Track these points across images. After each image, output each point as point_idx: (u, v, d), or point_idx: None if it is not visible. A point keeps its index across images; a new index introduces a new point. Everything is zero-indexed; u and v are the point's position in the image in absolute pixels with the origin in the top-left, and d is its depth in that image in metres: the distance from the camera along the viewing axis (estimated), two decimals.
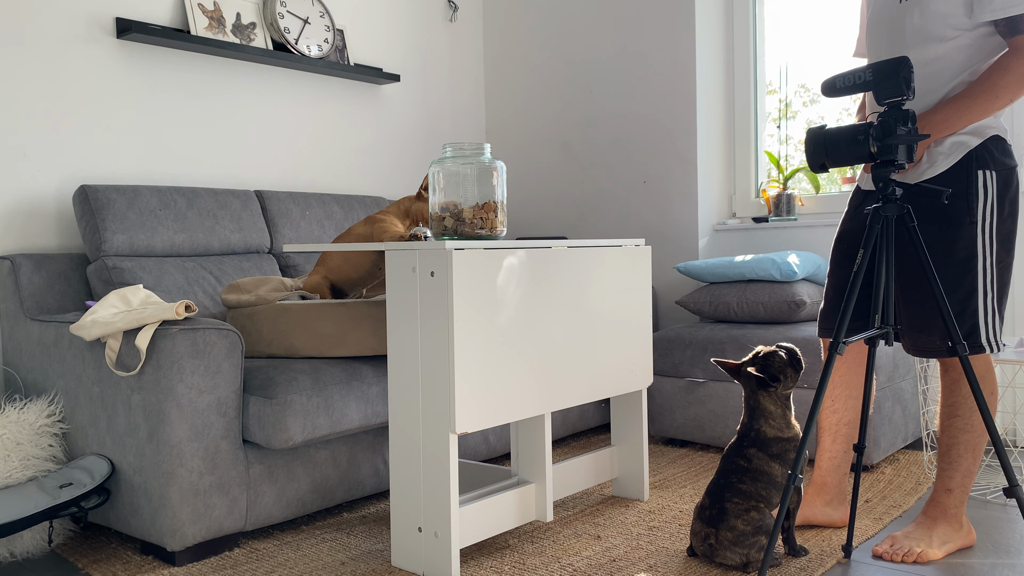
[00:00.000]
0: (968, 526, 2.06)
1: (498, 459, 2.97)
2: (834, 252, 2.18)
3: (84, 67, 2.77)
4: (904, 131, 1.69)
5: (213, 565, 2.06)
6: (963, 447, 2.00)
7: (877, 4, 2.06)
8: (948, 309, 1.73)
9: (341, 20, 3.52)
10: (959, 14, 1.88)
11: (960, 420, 1.99)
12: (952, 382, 2.00)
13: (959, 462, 2.01)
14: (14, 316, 2.49)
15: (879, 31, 2.04)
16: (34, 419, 2.25)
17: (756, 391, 2.00)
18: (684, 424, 3.07)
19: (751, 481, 1.93)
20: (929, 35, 1.92)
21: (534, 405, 2.07)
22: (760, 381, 1.98)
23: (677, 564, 2.01)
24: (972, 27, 1.89)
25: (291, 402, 2.13)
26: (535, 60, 4.02)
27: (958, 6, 1.88)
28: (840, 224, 2.19)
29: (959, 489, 2.02)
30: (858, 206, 2.15)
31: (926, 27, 1.92)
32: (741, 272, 3.14)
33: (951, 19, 1.89)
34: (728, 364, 2.05)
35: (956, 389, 1.99)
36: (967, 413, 1.98)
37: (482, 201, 2.06)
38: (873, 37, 2.06)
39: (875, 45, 2.06)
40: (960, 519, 2.04)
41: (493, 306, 1.95)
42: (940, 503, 2.04)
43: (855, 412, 2.20)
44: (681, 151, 3.58)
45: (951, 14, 1.88)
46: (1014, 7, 1.82)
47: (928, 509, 2.06)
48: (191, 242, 2.76)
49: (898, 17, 1.97)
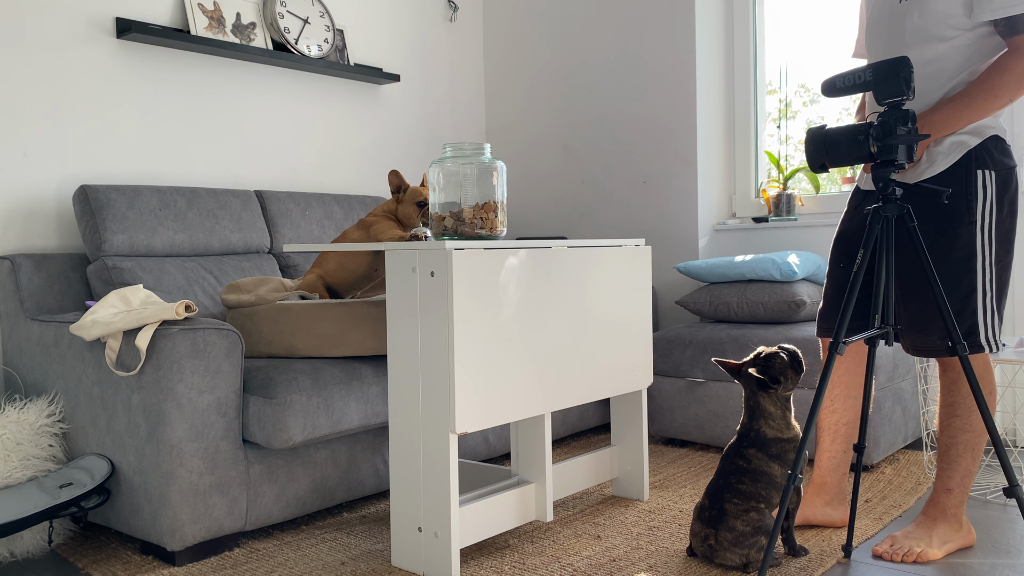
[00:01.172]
0: (968, 526, 2.07)
1: (498, 459, 2.97)
2: (833, 252, 2.18)
3: (84, 67, 2.77)
4: (904, 131, 1.69)
5: (213, 565, 2.06)
6: (962, 447, 2.00)
7: (876, 4, 2.06)
8: (948, 308, 1.73)
9: (341, 20, 3.52)
10: (959, 14, 1.88)
11: (959, 420, 1.99)
12: (951, 381, 2.00)
13: (958, 462, 2.01)
14: (14, 316, 2.49)
15: (878, 31, 2.04)
16: (34, 419, 2.25)
17: (756, 392, 2.00)
18: (684, 424, 3.07)
19: (751, 482, 1.93)
20: (928, 35, 1.91)
21: (534, 405, 2.07)
22: (760, 382, 1.98)
23: (677, 564, 2.01)
24: (972, 27, 1.89)
25: (291, 402, 2.13)
26: (535, 60, 4.02)
27: (958, 6, 1.88)
28: (839, 224, 2.19)
29: (959, 489, 2.02)
30: (857, 206, 2.15)
31: (926, 27, 1.91)
32: (741, 272, 3.14)
33: (951, 19, 1.89)
34: (729, 364, 2.05)
35: (955, 388, 1.99)
36: (966, 413, 1.98)
37: (482, 201, 2.06)
38: (872, 37, 2.06)
39: (874, 45, 2.06)
40: (960, 519, 2.04)
41: (493, 306, 1.95)
42: (940, 503, 2.04)
43: (854, 412, 2.20)
44: (681, 151, 3.58)
45: (951, 14, 1.88)
46: (1014, 7, 1.82)
47: (928, 509, 2.06)
48: (191, 242, 2.76)
49: (898, 17, 1.97)
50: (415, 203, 2.56)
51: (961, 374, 1.97)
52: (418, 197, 2.56)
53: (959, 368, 1.98)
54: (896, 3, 1.98)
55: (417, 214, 2.56)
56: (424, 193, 2.56)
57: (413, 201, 2.56)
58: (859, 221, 2.12)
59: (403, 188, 2.61)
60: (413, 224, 2.57)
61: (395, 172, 2.57)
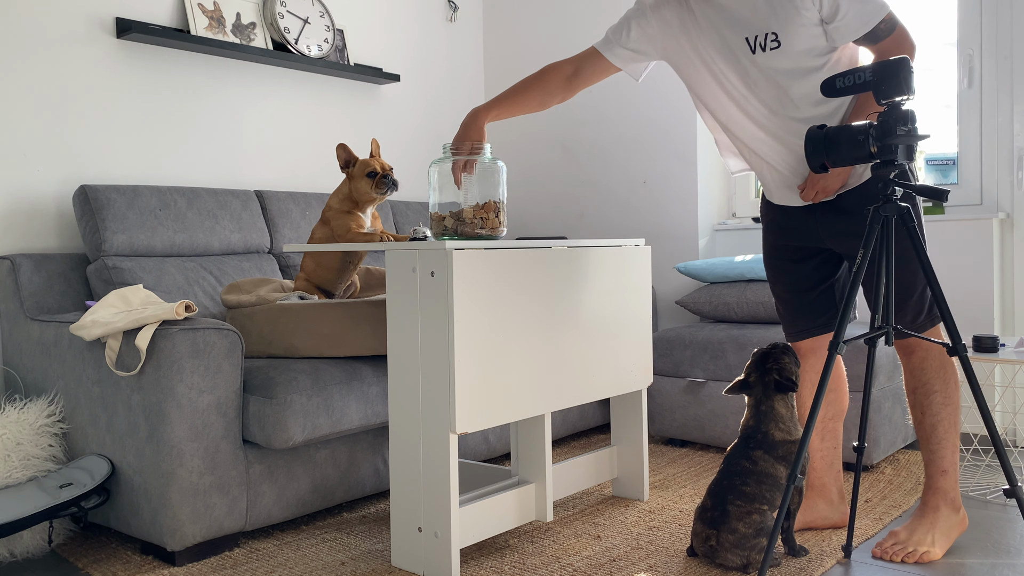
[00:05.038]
0: (963, 509, 2.07)
1: (498, 459, 2.97)
2: (771, 263, 2.23)
3: (84, 67, 2.77)
4: (904, 131, 1.69)
5: (213, 565, 2.06)
6: (948, 422, 2.02)
7: (730, 90, 2.04)
8: (944, 300, 1.74)
9: (341, 20, 3.52)
10: (821, 44, 1.94)
11: (939, 395, 2.02)
12: (919, 361, 2.03)
13: (946, 439, 2.02)
14: (14, 316, 2.49)
15: (753, 100, 2.02)
16: (34, 419, 2.25)
17: (772, 396, 2.00)
18: (684, 424, 3.07)
19: (755, 483, 1.93)
20: (804, 69, 1.96)
21: (534, 405, 2.07)
22: (780, 385, 1.98)
23: (677, 564, 2.01)
24: (839, 47, 1.96)
25: (291, 402, 2.13)
26: (535, 60, 4.02)
27: (818, 39, 1.94)
28: (765, 238, 2.24)
29: (952, 468, 2.04)
30: (773, 219, 2.19)
31: (799, 64, 1.95)
32: (741, 272, 3.14)
33: (816, 50, 1.95)
34: (735, 385, 2.06)
35: (925, 367, 2.03)
36: (943, 387, 2.02)
37: (482, 201, 2.06)
38: (752, 107, 2.03)
39: (760, 114, 2.03)
40: (958, 501, 2.06)
41: (493, 306, 1.95)
42: (939, 488, 2.04)
43: (835, 407, 2.23)
44: (681, 151, 3.58)
45: (814, 47, 1.94)
46: (870, 21, 1.89)
47: (927, 498, 2.05)
48: (191, 242, 2.76)
49: (761, 73, 1.98)
50: (365, 175, 2.44)
51: (928, 352, 2.01)
52: (367, 168, 2.43)
53: (925, 347, 2.02)
54: (752, 60, 1.98)
55: (370, 186, 2.44)
56: (373, 164, 2.44)
57: (363, 174, 2.44)
58: (781, 233, 2.17)
59: (352, 162, 2.48)
60: (369, 199, 2.46)
61: (342, 145, 2.45)
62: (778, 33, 1.93)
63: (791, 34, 1.92)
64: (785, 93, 1.97)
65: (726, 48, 2.00)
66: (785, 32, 1.93)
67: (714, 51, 2.02)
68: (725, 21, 1.99)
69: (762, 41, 1.95)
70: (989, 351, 2.50)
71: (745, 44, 1.97)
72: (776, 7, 1.93)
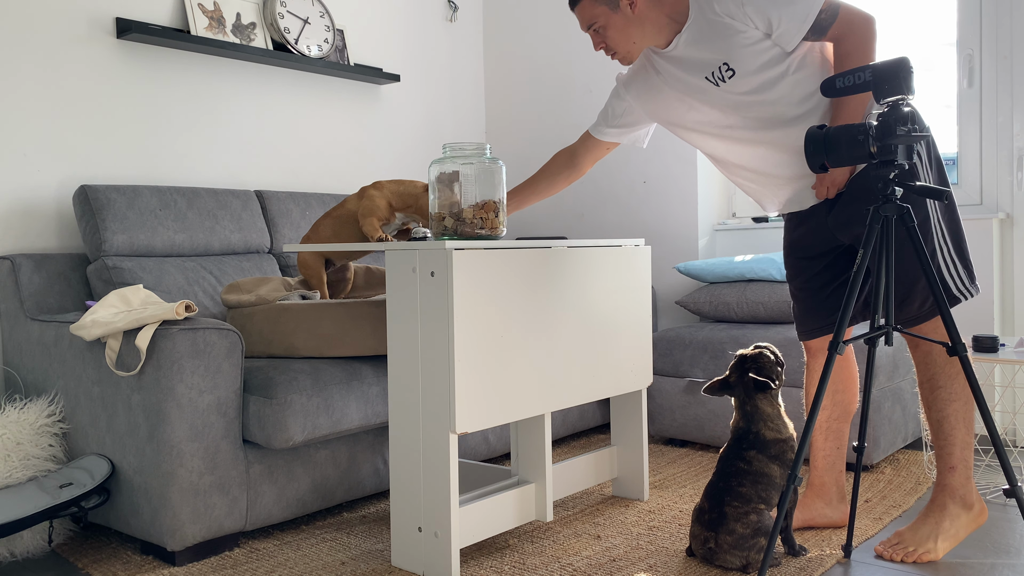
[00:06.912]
0: (981, 504, 2.02)
1: (498, 459, 2.97)
2: (788, 260, 2.25)
3: (84, 67, 2.77)
4: (904, 131, 1.69)
5: (213, 565, 2.06)
6: (953, 418, 1.99)
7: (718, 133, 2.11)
8: (945, 300, 1.74)
9: (341, 20, 3.52)
10: (774, 53, 1.99)
11: (943, 391, 1.99)
12: (925, 354, 2.01)
13: (954, 435, 2.00)
14: (14, 316, 2.49)
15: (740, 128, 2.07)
16: (34, 419, 2.25)
17: (754, 395, 2.00)
18: (684, 424, 3.07)
19: (751, 484, 1.93)
20: (770, 80, 2.01)
21: (534, 405, 2.07)
22: (760, 384, 1.98)
23: (677, 564, 2.01)
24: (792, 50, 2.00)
25: (291, 402, 2.13)
26: (535, 60, 4.02)
27: (767, 51, 1.99)
28: (784, 236, 2.26)
29: (962, 465, 2.00)
30: (792, 218, 2.22)
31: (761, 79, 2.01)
32: (741, 272, 3.14)
33: (772, 61, 2.00)
34: (715, 383, 2.06)
35: (931, 361, 2.00)
36: (948, 382, 1.99)
37: (482, 201, 2.06)
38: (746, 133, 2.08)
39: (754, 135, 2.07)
40: (970, 498, 2.00)
41: (493, 306, 1.95)
42: (947, 485, 2.01)
43: (841, 407, 2.22)
44: (681, 151, 3.58)
45: (768, 59, 2.00)
46: (806, 21, 1.95)
47: (936, 495, 2.02)
48: (191, 242, 2.76)
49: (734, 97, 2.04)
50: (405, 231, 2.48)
51: (934, 345, 1.99)
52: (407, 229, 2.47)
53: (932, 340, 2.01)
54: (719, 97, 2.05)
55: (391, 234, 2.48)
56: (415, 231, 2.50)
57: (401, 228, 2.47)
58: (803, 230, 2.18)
59: None
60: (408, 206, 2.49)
61: None
62: (728, 62, 2.02)
63: (740, 59, 2.00)
64: (764, 106, 2.03)
65: (696, 91, 2.09)
66: (733, 58, 2.01)
67: (689, 98, 2.12)
68: (684, 70, 2.10)
69: (719, 74, 2.04)
70: (989, 351, 2.50)
71: (707, 83, 2.07)
72: (717, 40, 2.01)
